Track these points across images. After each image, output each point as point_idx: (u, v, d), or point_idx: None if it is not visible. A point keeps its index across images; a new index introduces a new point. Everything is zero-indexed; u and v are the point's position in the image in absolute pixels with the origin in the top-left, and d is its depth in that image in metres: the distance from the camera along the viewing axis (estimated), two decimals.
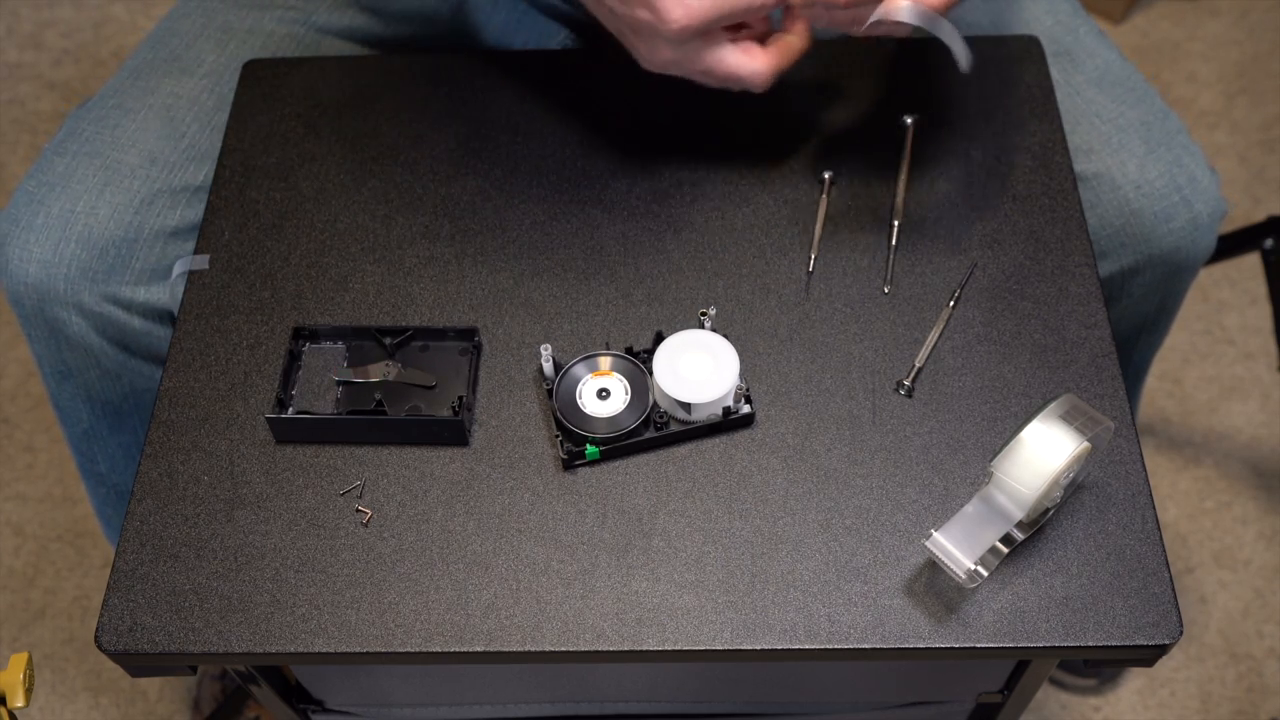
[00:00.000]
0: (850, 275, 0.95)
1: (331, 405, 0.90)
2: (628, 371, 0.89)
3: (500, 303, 0.94)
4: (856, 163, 1.01)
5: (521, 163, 1.01)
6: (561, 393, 0.88)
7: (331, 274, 0.96)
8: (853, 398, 0.89)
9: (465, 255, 0.97)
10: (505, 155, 1.02)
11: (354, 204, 1.00)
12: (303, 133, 1.04)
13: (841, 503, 0.85)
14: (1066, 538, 0.84)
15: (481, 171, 1.01)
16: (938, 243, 0.96)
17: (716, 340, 0.89)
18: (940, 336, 0.92)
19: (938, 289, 0.94)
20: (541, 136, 1.03)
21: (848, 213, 0.98)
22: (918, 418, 0.88)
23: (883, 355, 0.91)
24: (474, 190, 1.00)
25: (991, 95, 1.04)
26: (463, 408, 0.87)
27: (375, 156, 1.03)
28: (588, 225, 0.98)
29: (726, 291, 0.94)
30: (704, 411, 0.87)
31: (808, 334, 0.92)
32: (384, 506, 0.86)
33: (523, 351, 0.92)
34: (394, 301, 0.95)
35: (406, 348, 0.92)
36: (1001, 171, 1.00)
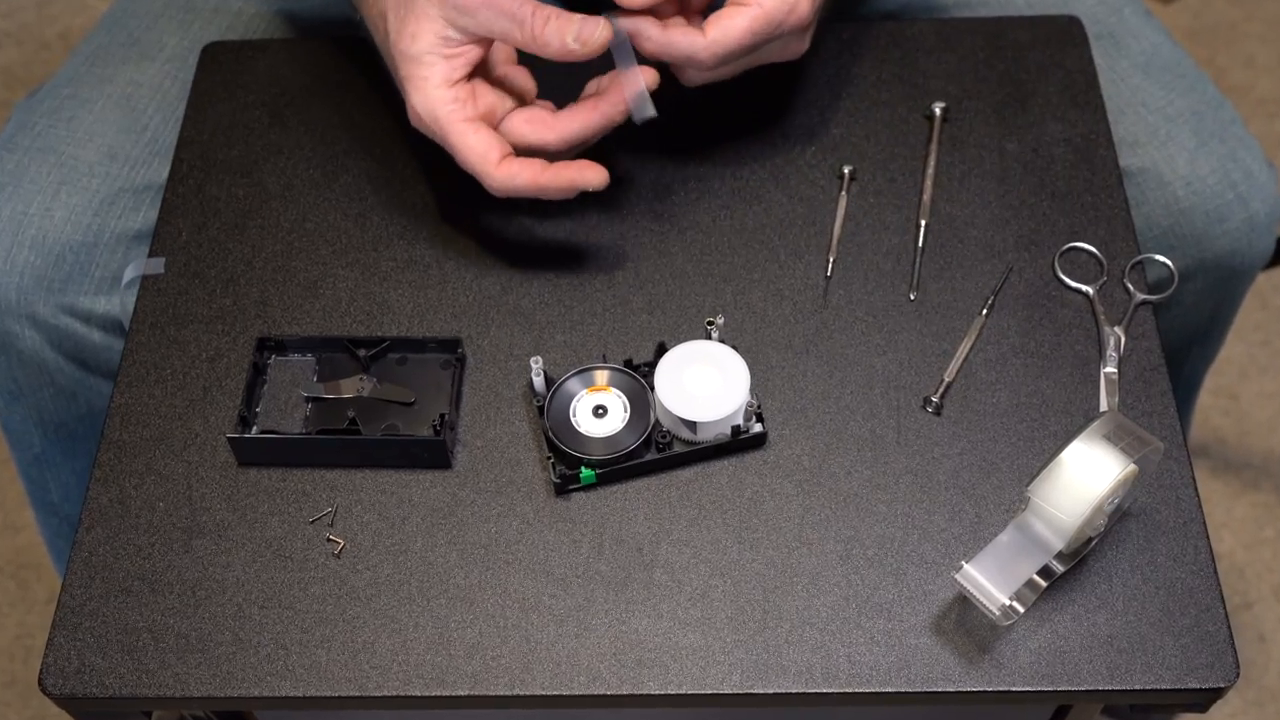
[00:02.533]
0: (872, 280, 0.95)
1: (300, 424, 0.90)
2: (627, 387, 0.89)
3: (486, 311, 0.95)
4: (879, 156, 1.01)
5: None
6: (554, 410, 0.89)
7: (300, 279, 0.97)
8: (875, 416, 0.89)
9: (448, 258, 0.97)
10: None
11: (325, 201, 1.01)
12: (268, 123, 1.05)
13: (862, 531, 0.85)
14: (1111, 570, 0.84)
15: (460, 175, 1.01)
16: (969, 245, 0.97)
17: (725, 352, 0.89)
18: (972, 348, 0.92)
19: (969, 296, 0.94)
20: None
21: (869, 211, 0.99)
22: (947, 438, 0.88)
23: (908, 369, 0.91)
24: (457, 187, 1.00)
25: (1028, 81, 1.04)
26: (445, 427, 0.87)
27: (348, 149, 1.03)
28: (582, 226, 0.99)
29: (736, 299, 0.95)
30: (711, 431, 0.87)
31: (825, 345, 0.92)
32: (358, 535, 0.86)
33: (511, 365, 0.92)
34: (369, 309, 0.95)
35: (383, 360, 0.92)
36: (1039, 166, 1.00)
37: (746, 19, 0.90)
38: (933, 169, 1.00)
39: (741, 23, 0.89)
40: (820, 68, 1.05)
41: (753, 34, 0.90)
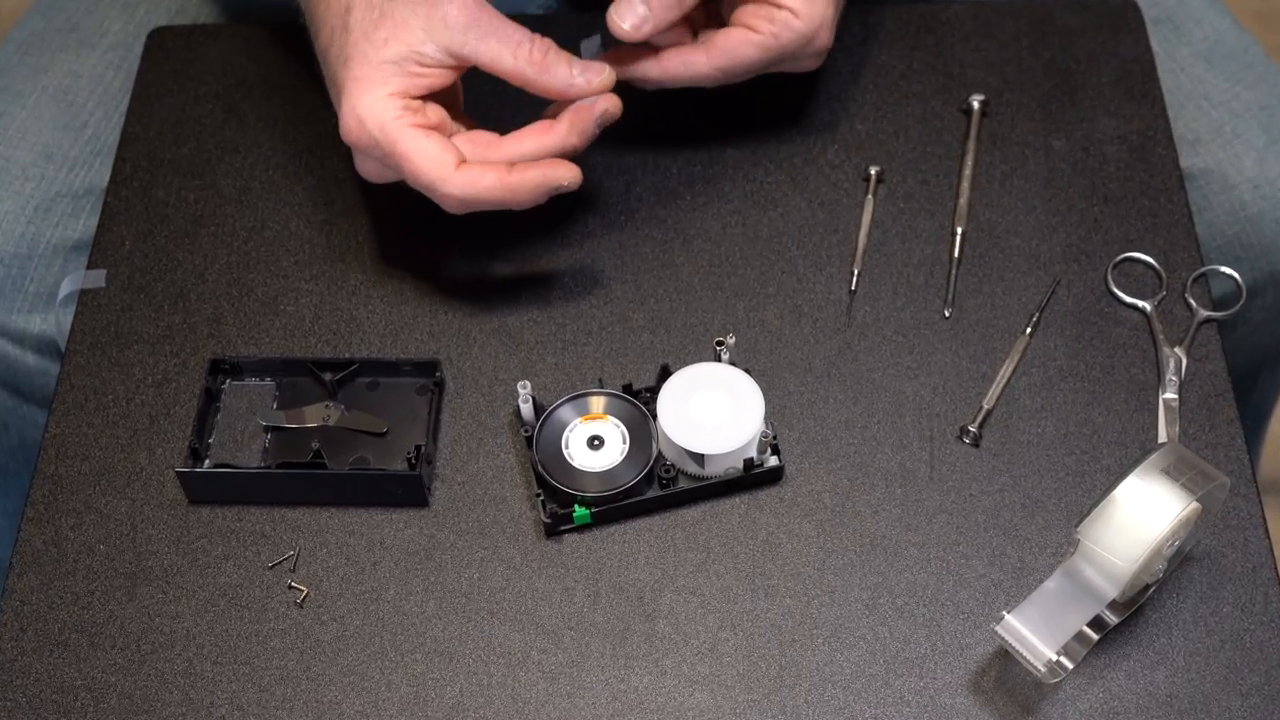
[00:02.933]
0: (903, 295, 0.96)
1: (258, 456, 0.90)
2: (626, 415, 0.90)
3: (468, 330, 0.95)
4: (910, 155, 1.02)
5: None
6: (544, 441, 0.89)
7: (258, 293, 0.97)
8: (905, 447, 0.90)
9: (424, 271, 0.98)
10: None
11: (286, 206, 1.01)
12: (223, 118, 1.06)
13: (891, 578, 0.86)
14: (1171, 621, 0.84)
15: None
16: (1010, 255, 0.97)
17: (736, 376, 0.90)
18: (1014, 371, 0.92)
19: (1011, 312, 0.95)
20: (519, 122, 1.04)
21: (899, 218, 0.99)
22: (986, 472, 0.89)
23: (942, 394, 0.92)
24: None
25: (1077, 72, 1.05)
26: (421, 460, 0.88)
27: (313, 147, 1.04)
28: (576, 233, 0.99)
29: (748, 316, 0.95)
30: (721, 464, 0.88)
31: (849, 368, 0.93)
32: (323, 582, 0.86)
33: (496, 390, 0.93)
34: (336, 328, 0.96)
35: (351, 385, 0.93)
36: (1089, 166, 1.01)
37: (756, 50, 0.93)
38: (970, 170, 1.01)
39: (750, 53, 0.93)
40: (844, 56, 1.06)
41: (763, 64, 0.94)
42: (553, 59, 0.90)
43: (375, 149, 0.90)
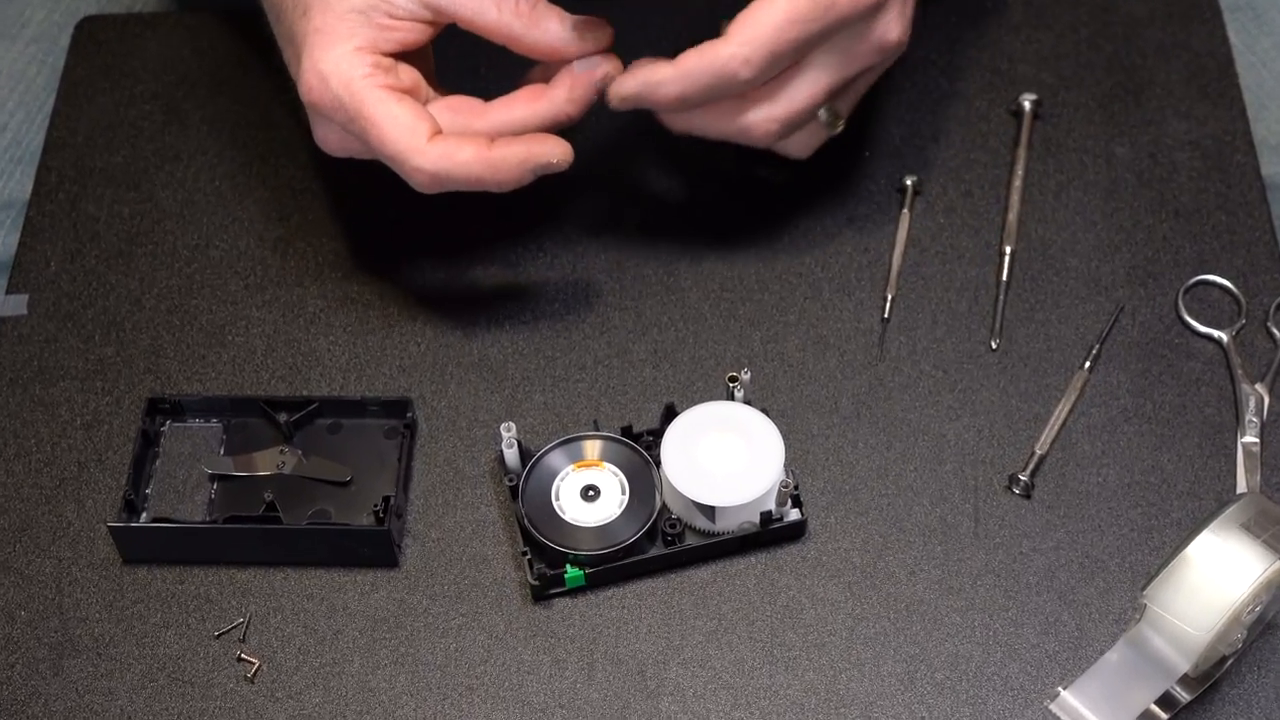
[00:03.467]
0: (943, 324, 0.97)
1: (202, 509, 0.92)
2: (625, 462, 0.91)
3: (443, 363, 0.97)
4: (951, 163, 1.04)
5: None
6: (531, 492, 0.90)
7: (202, 322, 0.99)
8: (946, 499, 0.91)
9: (394, 296, 0.99)
10: None
11: (235, 222, 1.03)
12: (162, 120, 1.07)
13: (930, 648, 0.87)
14: (1251, 698, 0.85)
15: None
16: (1067, 278, 0.99)
17: (752, 417, 0.91)
18: (1071, 412, 0.94)
19: (1067, 344, 0.96)
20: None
21: (939, 235, 1.01)
22: (1039, 527, 0.90)
23: (988, 438, 0.93)
24: (406, 203, 1.01)
25: (1144, 67, 1.07)
26: (389, 513, 0.89)
27: (265, 154, 1.05)
28: (567, 252, 1.01)
29: (766, 348, 0.97)
30: (734, 519, 0.89)
31: (882, 408, 0.94)
32: (278, 653, 0.87)
33: (475, 433, 0.94)
34: (292, 361, 0.97)
35: (310, 427, 0.94)
36: (1157, 176, 1.02)
37: (784, 5, 0.87)
38: (1020, 181, 1.02)
39: (772, 17, 0.87)
40: None
41: (794, 24, 0.87)
42: (542, 11, 0.90)
43: (339, 111, 0.89)
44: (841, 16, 0.88)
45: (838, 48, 0.90)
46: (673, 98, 0.89)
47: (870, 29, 0.91)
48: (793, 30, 0.87)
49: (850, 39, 0.90)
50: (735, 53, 0.88)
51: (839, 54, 0.91)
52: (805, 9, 0.87)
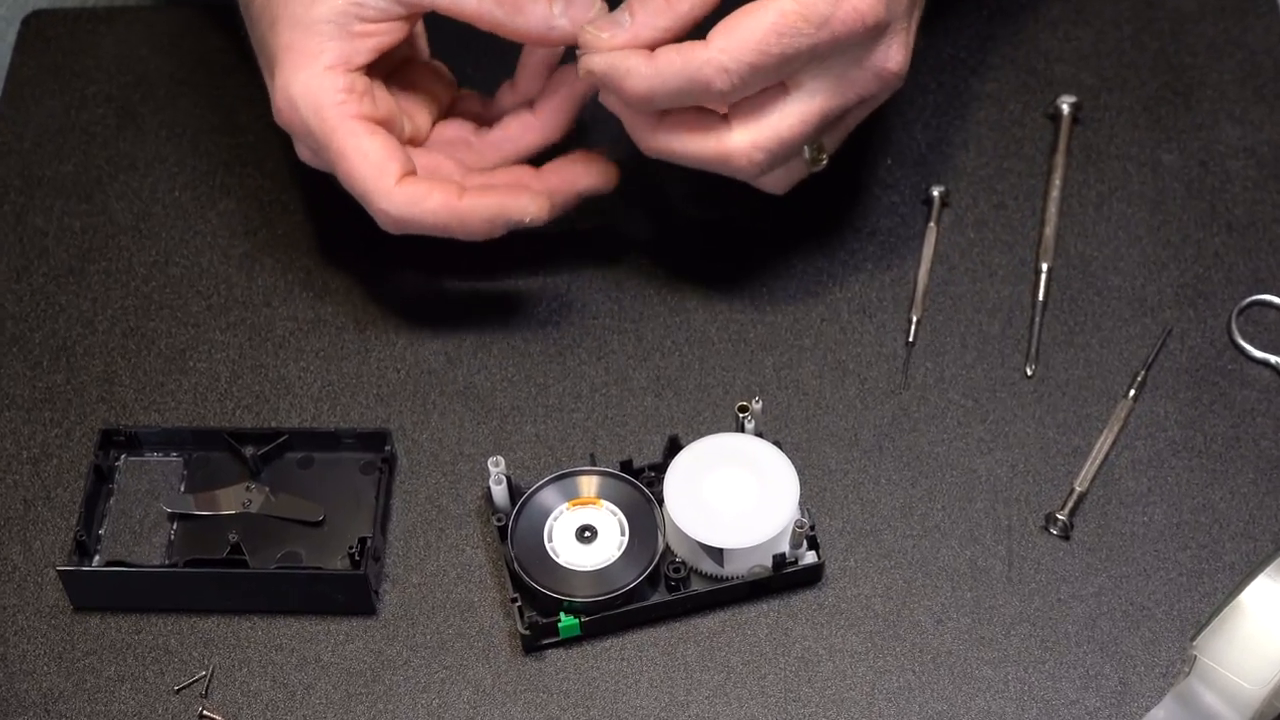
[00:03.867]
0: (973, 348, 0.98)
1: (161, 552, 0.92)
2: (625, 500, 0.92)
3: (425, 392, 0.97)
4: (982, 173, 1.04)
5: None
6: (521, 533, 0.90)
7: (161, 346, 0.99)
8: (977, 540, 0.92)
9: (371, 318, 1.00)
10: None
11: (198, 237, 1.04)
12: (117, 124, 1.08)
13: (959, 704, 0.87)
14: None
15: None
16: (1109, 298, 1.00)
17: (763, 450, 0.91)
18: (1114, 445, 0.94)
19: (1110, 370, 0.97)
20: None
21: (969, 250, 1.02)
22: (1078, 571, 0.91)
23: (1023, 474, 0.94)
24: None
25: (1193, 67, 1.08)
26: (366, 556, 0.89)
27: (230, 162, 1.06)
28: (561, 269, 1.02)
29: (779, 375, 0.97)
30: (744, 562, 0.89)
31: (907, 441, 0.95)
32: (244, 710, 0.88)
33: (460, 468, 0.95)
34: (259, 390, 0.98)
35: (279, 462, 0.94)
36: (1209, 186, 1.03)
37: (773, 14, 0.87)
38: (1058, 191, 1.03)
39: (758, 25, 0.87)
40: None
41: (781, 37, 0.87)
42: None
43: (309, 138, 0.92)
44: (835, 36, 0.88)
45: (831, 72, 0.90)
46: (639, 92, 0.90)
47: (868, 54, 0.90)
48: (779, 44, 0.87)
49: (845, 64, 0.90)
50: (712, 58, 0.88)
51: (833, 79, 0.90)
52: (795, 22, 0.87)
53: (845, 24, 0.87)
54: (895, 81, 0.92)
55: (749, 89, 0.89)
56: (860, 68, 0.90)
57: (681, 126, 0.92)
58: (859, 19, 0.87)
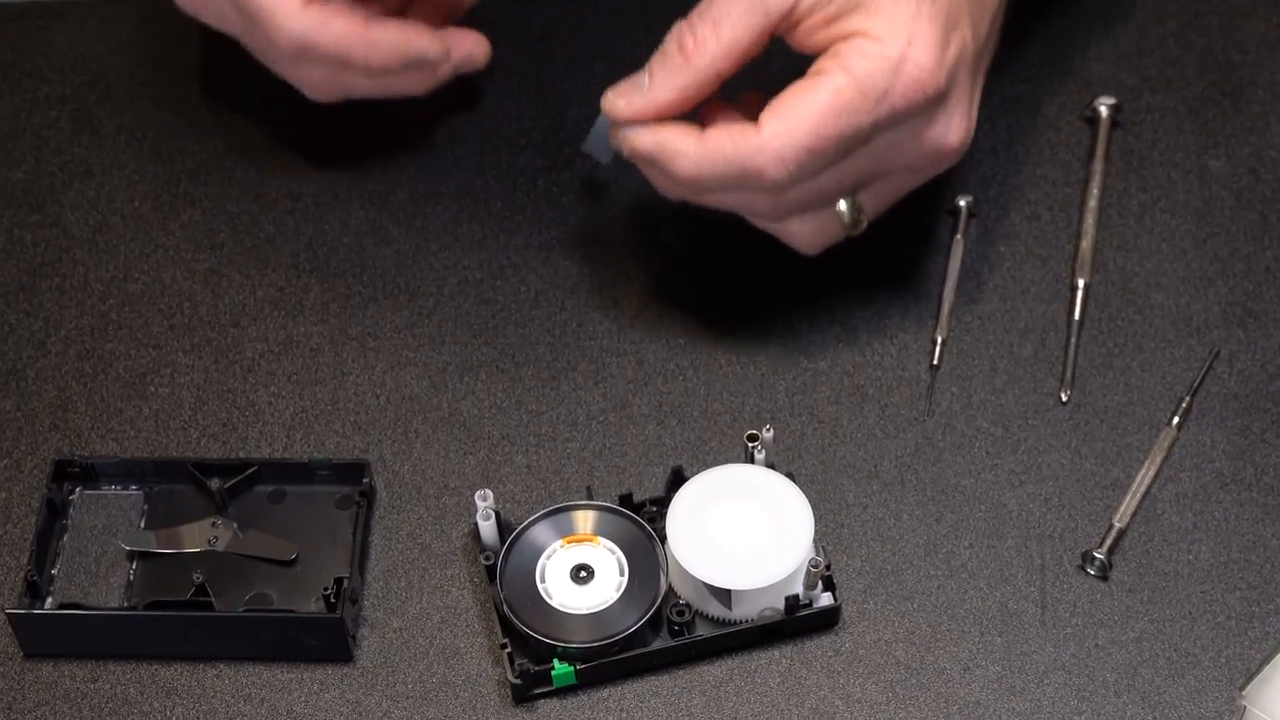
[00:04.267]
0: (1003, 372, 0.99)
1: (119, 593, 0.93)
2: (624, 537, 0.92)
3: (407, 419, 0.98)
4: (1014, 181, 1.05)
5: (443, 175, 1.06)
6: (512, 572, 0.91)
7: (119, 370, 1.00)
8: (1007, 580, 0.92)
9: (347, 338, 1.01)
10: (414, 163, 1.07)
11: (159, 250, 1.04)
12: (71, 128, 1.09)
13: None
14: None
15: (374, 194, 1.06)
16: (1151, 317, 1.00)
17: (775, 483, 0.92)
18: (1156, 477, 0.95)
19: (1151, 395, 0.98)
20: (474, 127, 1.08)
21: (998, 265, 1.03)
22: (1118, 614, 0.91)
23: (1057, 509, 0.94)
24: (361, 226, 1.04)
25: (1243, 66, 1.09)
26: (343, 598, 0.90)
27: (194, 170, 1.07)
28: (554, 286, 1.02)
29: (792, 401, 0.98)
30: (754, 604, 0.90)
31: (930, 472, 0.96)
32: None
33: (445, 501, 0.96)
34: (226, 417, 0.99)
35: (247, 495, 0.95)
36: (1259, 195, 1.04)
37: (827, 94, 0.89)
38: (1096, 201, 1.04)
39: (813, 106, 0.89)
40: None
41: (838, 116, 0.88)
42: None
43: None
44: (894, 111, 0.90)
45: (887, 137, 0.92)
46: (687, 175, 0.92)
47: (925, 127, 0.92)
48: (836, 124, 0.89)
49: (900, 133, 0.92)
50: (765, 145, 0.90)
51: (885, 145, 0.92)
52: (852, 99, 0.89)
53: (905, 96, 0.89)
54: (952, 156, 0.94)
55: (806, 176, 0.91)
56: (916, 139, 0.92)
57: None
58: (919, 90, 0.89)
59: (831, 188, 0.93)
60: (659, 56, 0.93)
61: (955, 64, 0.91)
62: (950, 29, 0.91)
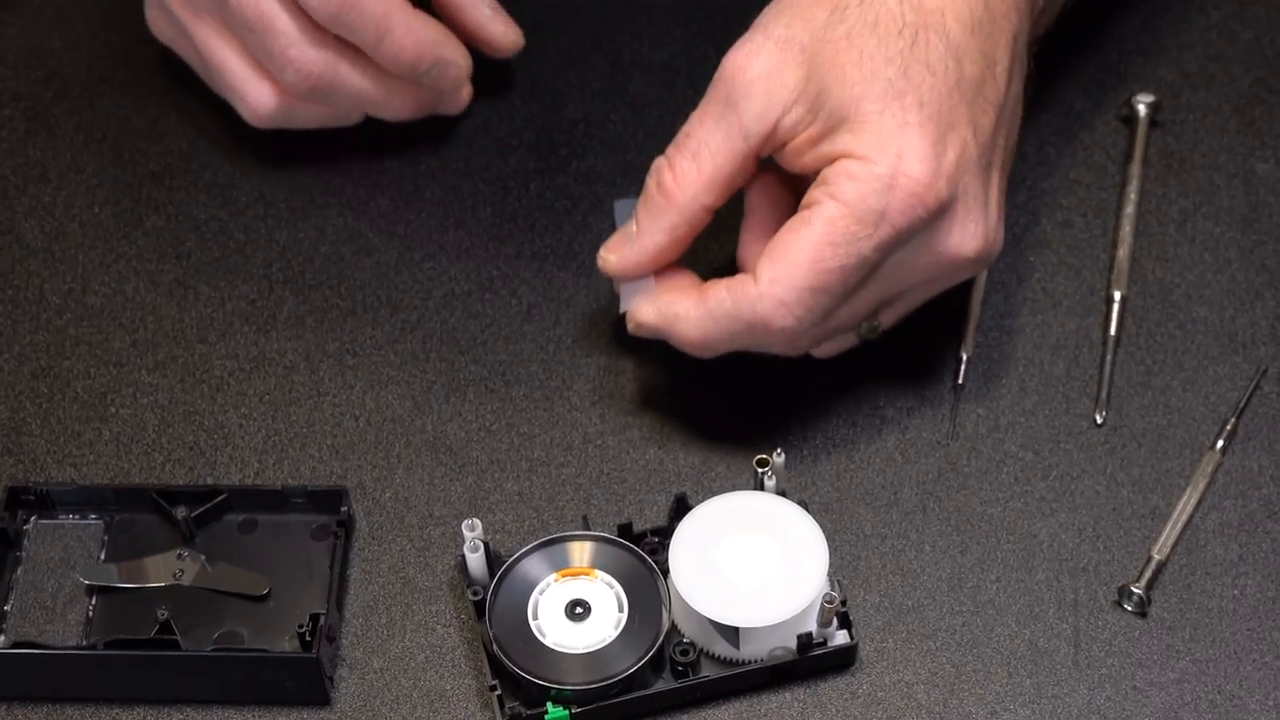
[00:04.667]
0: (1033, 393, 1.00)
1: (77, 630, 0.93)
2: (623, 570, 0.93)
3: (388, 442, 0.99)
4: (1045, 184, 1.06)
5: (427, 179, 1.08)
6: (502, 608, 0.92)
7: (77, 390, 1.01)
8: (1038, 617, 0.93)
9: (324, 355, 1.02)
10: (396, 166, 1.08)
11: (120, 260, 1.05)
12: (25, 128, 1.10)
13: None
14: None
15: (353, 199, 1.07)
16: (1193, 332, 1.01)
17: (787, 512, 0.93)
18: (1199, 505, 0.96)
19: (1194, 417, 0.99)
20: (461, 127, 1.09)
21: (1028, 276, 1.04)
22: (1158, 653, 0.92)
23: (1091, 539, 0.95)
24: (339, 234, 1.05)
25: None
26: (319, 636, 0.90)
27: (158, 173, 1.08)
28: (546, 298, 1.03)
29: (806, 423, 0.99)
30: (764, 643, 0.91)
31: (954, 500, 0.97)
32: None
33: (430, 532, 0.96)
34: (193, 441, 1.00)
35: (216, 525, 0.96)
36: None
37: (820, 226, 0.90)
38: (1133, 207, 1.05)
39: (807, 243, 0.90)
40: None
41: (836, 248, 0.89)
42: None
43: None
44: (897, 231, 0.90)
45: (896, 258, 0.93)
46: (693, 338, 0.94)
47: (936, 240, 0.93)
48: (835, 257, 0.90)
49: (909, 252, 0.93)
50: (765, 293, 0.91)
51: (895, 265, 0.93)
52: (847, 227, 0.90)
53: (904, 214, 0.90)
54: (974, 265, 0.95)
55: (817, 318, 0.92)
56: (928, 252, 0.93)
57: None
58: (918, 204, 0.90)
59: (847, 320, 0.95)
60: (642, 199, 0.95)
61: (956, 169, 0.91)
62: (944, 133, 0.91)
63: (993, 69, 0.93)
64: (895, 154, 0.89)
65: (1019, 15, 0.94)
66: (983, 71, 0.92)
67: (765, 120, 0.91)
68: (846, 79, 0.90)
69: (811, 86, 0.91)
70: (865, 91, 0.90)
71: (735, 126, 0.92)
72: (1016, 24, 0.94)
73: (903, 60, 0.90)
